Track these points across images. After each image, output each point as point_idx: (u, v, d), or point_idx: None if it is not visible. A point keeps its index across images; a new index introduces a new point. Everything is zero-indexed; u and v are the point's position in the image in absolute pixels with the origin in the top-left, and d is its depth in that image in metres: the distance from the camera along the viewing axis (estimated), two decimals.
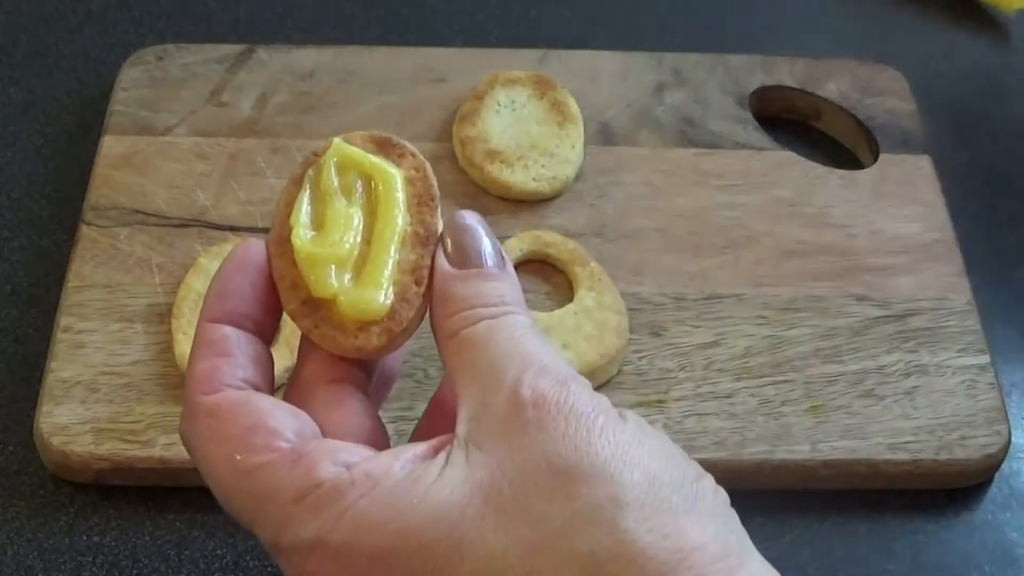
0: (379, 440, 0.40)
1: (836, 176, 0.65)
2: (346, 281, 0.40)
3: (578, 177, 0.64)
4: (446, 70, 0.68)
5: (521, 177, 0.62)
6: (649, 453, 0.37)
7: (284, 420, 0.39)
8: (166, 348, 0.55)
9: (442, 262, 0.40)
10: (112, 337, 0.56)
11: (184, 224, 0.60)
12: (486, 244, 0.41)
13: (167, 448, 0.52)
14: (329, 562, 0.37)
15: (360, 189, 0.42)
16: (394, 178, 0.41)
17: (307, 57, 0.68)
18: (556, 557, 0.35)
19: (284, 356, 0.52)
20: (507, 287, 0.40)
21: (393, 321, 0.40)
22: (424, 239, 0.41)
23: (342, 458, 0.37)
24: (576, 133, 0.64)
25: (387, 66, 0.68)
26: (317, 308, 0.40)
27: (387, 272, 0.40)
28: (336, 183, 0.41)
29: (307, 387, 0.41)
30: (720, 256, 0.61)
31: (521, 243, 0.60)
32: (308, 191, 0.42)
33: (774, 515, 0.54)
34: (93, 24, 0.72)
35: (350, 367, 0.41)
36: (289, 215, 0.41)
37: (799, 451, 0.54)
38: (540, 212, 0.62)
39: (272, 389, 0.41)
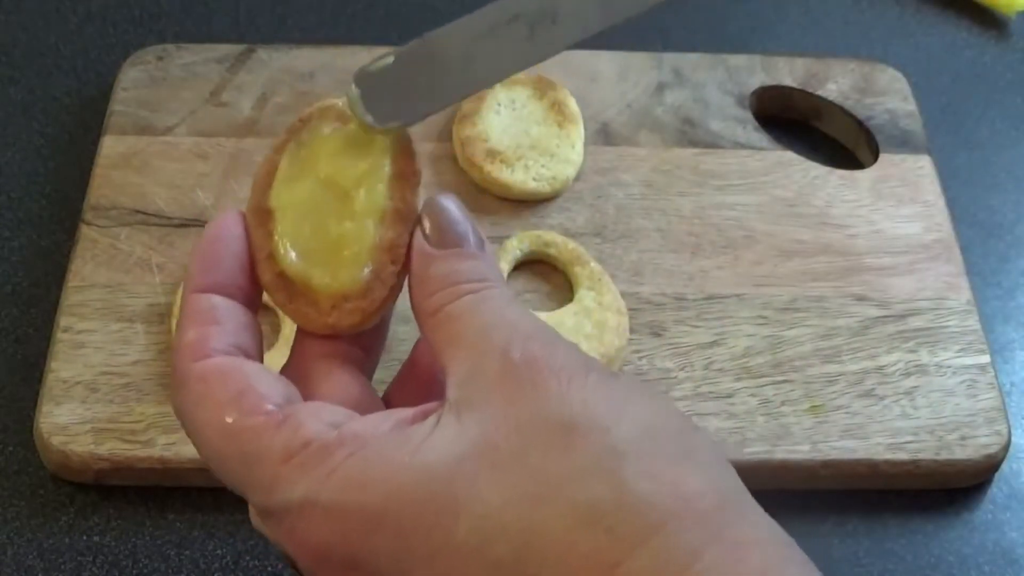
0: (369, 411, 0.39)
1: (836, 176, 0.65)
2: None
3: (578, 177, 0.64)
4: None
5: (521, 177, 0.62)
6: (643, 406, 0.37)
7: (273, 385, 0.38)
8: (166, 348, 0.55)
9: (421, 242, 0.40)
10: (112, 337, 0.56)
11: (184, 224, 0.60)
12: (465, 225, 0.40)
13: (167, 448, 0.52)
14: (319, 522, 0.36)
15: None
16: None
17: (307, 57, 0.68)
18: (555, 510, 0.34)
19: (285, 355, 0.52)
20: (487, 266, 0.40)
21: (366, 300, 0.40)
22: (404, 215, 0.40)
23: (328, 418, 0.37)
24: (576, 133, 0.64)
25: None
26: (293, 282, 0.40)
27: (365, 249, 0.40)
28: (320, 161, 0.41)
29: (300, 363, 0.41)
30: (720, 256, 0.61)
31: (521, 243, 0.60)
32: (289, 160, 0.41)
33: (774, 515, 0.53)
34: (93, 24, 0.72)
35: (344, 344, 0.41)
36: (269, 185, 0.41)
37: (799, 451, 0.54)
38: (540, 212, 0.62)
39: (261, 357, 0.40)
